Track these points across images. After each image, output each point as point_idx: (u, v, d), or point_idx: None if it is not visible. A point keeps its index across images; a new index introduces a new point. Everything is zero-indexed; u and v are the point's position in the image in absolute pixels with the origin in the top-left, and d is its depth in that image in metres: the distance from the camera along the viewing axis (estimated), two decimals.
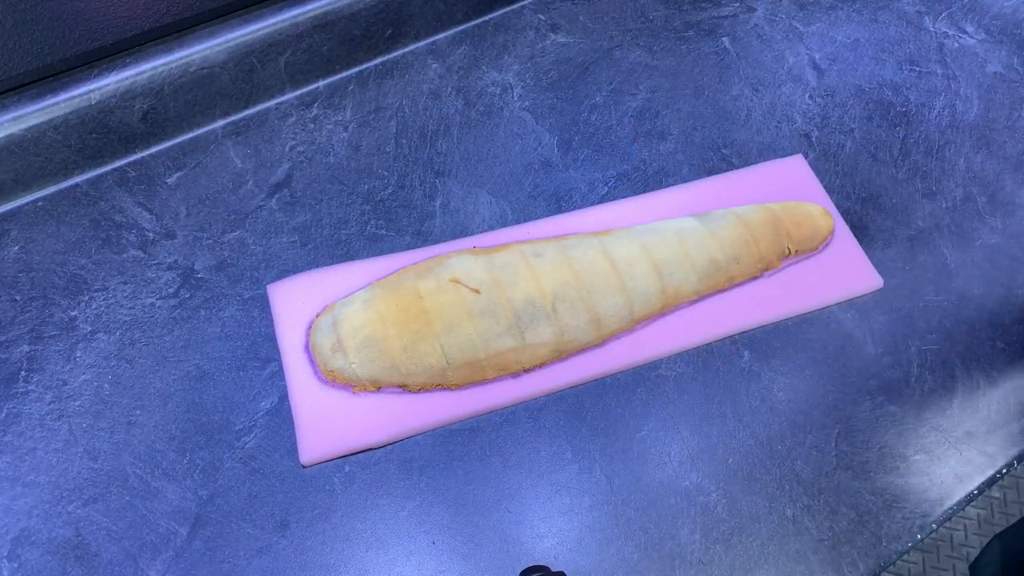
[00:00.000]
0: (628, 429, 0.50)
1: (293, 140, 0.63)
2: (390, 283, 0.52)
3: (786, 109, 0.65)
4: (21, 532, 0.46)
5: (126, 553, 0.45)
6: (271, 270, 0.56)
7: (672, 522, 0.46)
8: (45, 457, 0.49)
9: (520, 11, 0.72)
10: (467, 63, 0.68)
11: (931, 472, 0.48)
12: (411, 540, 0.46)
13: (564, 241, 0.54)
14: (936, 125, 0.64)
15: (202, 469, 0.48)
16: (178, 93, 0.61)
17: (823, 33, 0.70)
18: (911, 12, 0.71)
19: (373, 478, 0.48)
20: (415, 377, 0.50)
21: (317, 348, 0.51)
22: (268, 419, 0.50)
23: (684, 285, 0.53)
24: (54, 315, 0.54)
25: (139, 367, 0.52)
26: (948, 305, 0.54)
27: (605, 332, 0.52)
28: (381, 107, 0.65)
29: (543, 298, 0.50)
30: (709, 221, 0.56)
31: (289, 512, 0.47)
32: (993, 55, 0.68)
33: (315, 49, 0.64)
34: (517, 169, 0.62)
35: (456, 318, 0.50)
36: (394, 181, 0.61)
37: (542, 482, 0.48)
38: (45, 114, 0.56)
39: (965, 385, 0.51)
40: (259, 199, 0.60)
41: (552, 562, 0.45)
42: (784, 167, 0.61)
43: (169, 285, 0.55)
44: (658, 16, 0.72)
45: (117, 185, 0.60)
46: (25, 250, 0.57)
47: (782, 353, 0.53)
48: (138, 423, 0.50)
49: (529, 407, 0.51)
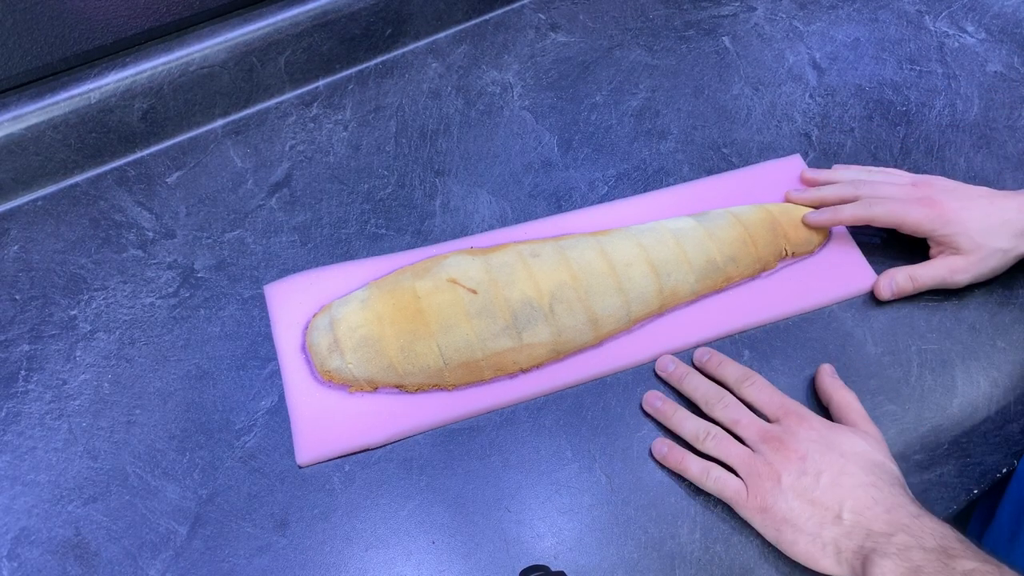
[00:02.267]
0: (628, 429, 0.50)
1: (293, 139, 0.63)
2: (387, 283, 0.52)
3: (786, 108, 0.65)
4: (21, 531, 0.46)
5: (126, 552, 0.45)
6: (271, 269, 0.56)
7: (672, 522, 0.46)
8: (45, 456, 0.49)
9: (520, 10, 0.72)
10: (467, 62, 0.68)
11: (931, 472, 0.48)
12: (411, 540, 0.46)
13: (561, 241, 0.54)
14: (936, 124, 0.64)
15: (202, 468, 0.48)
16: (178, 92, 0.61)
17: (823, 32, 0.70)
18: (911, 11, 0.71)
19: (373, 478, 0.48)
20: (412, 377, 0.50)
21: (314, 348, 0.51)
22: (268, 418, 0.50)
23: (682, 285, 0.53)
24: (54, 314, 0.54)
25: (139, 366, 0.52)
26: (948, 305, 0.54)
27: (603, 332, 0.52)
28: (381, 106, 0.65)
29: (540, 298, 0.50)
30: (707, 221, 0.55)
31: (289, 511, 0.47)
32: (993, 54, 0.68)
33: (315, 48, 0.64)
34: (517, 168, 0.62)
35: (453, 318, 0.50)
36: (394, 180, 0.61)
37: (542, 482, 0.48)
38: (45, 113, 0.57)
39: (965, 385, 0.51)
40: (259, 198, 0.60)
41: (552, 562, 0.45)
42: (783, 167, 0.61)
43: (169, 284, 0.55)
44: (658, 15, 0.72)
45: (117, 184, 0.60)
46: (25, 249, 0.57)
47: (782, 353, 0.53)
48: (138, 422, 0.50)
49: (529, 407, 0.51)
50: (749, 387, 0.49)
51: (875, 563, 0.39)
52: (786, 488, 0.43)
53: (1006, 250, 0.51)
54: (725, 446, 0.46)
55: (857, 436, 0.45)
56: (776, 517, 0.43)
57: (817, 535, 0.42)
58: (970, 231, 0.51)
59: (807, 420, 0.46)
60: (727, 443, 0.47)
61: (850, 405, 0.48)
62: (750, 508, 0.44)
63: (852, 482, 0.42)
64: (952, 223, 0.51)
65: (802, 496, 0.43)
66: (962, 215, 0.51)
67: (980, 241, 0.51)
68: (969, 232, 0.51)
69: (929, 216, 0.52)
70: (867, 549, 0.40)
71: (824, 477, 0.43)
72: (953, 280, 0.52)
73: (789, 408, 0.47)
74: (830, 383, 0.49)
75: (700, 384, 0.50)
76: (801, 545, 0.42)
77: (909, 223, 0.52)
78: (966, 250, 0.52)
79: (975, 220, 0.51)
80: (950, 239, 0.52)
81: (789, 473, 0.43)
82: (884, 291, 0.54)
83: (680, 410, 0.49)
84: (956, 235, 0.51)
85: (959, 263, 0.52)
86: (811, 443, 0.44)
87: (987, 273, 0.52)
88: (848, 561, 0.41)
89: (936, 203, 0.52)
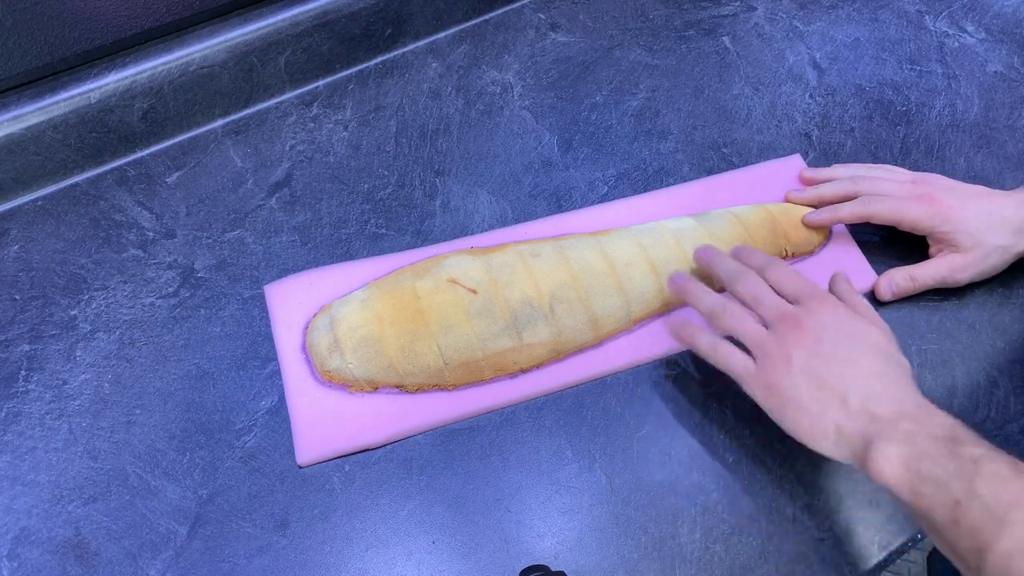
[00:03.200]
0: (628, 429, 0.50)
1: (293, 139, 0.63)
2: (387, 283, 0.52)
3: (786, 108, 0.65)
4: (21, 531, 0.46)
5: (126, 552, 0.45)
6: (271, 269, 0.56)
7: (672, 522, 0.46)
8: (45, 456, 0.49)
9: (520, 10, 0.72)
10: (467, 62, 0.68)
11: None
12: (411, 539, 0.46)
13: (561, 241, 0.54)
14: (936, 124, 0.64)
15: (202, 468, 0.48)
16: (178, 92, 0.61)
17: (823, 32, 0.70)
18: (911, 11, 0.71)
19: (373, 478, 0.48)
20: (412, 377, 0.50)
21: (314, 348, 0.51)
22: (268, 418, 0.50)
23: None
24: (54, 314, 0.54)
25: (139, 366, 0.52)
26: (948, 305, 0.54)
27: (603, 332, 0.52)
28: (381, 106, 0.65)
29: (540, 298, 0.50)
30: (707, 221, 0.55)
31: (289, 511, 0.47)
32: (993, 54, 0.68)
33: (315, 48, 0.64)
34: (517, 168, 0.62)
35: (453, 318, 0.50)
36: (394, 180, 0.61)
37: (542, 482, 0.48)
38: (45, 113, 0.57)
39: (965, 385, 0.51)
40: (259, 198, 0.60)
41: (552, 561, 0.45)
42: (783, 167, 0.61)
43: (169, 284, 0.55)
44: (658, 15, 0.72)
45: (117, 184, 0.60)
46: (25, 249, 0.57)
47: None
48: (138, 422, 0.50)
49: (529, 407, 0.51)
50: (774, 270, 0.48)
51: (877, 448, 0.38)
52: (795, 368, 0.43)
53: (1006, 247, 0.51)
54: (740, 321, 0.46)
55: (875, 327, 0.45)
56: (781, 395, 0.43)
57: (821, 416, 0.41)
58: (969, 228, 0.51)
59: (828, 303, 0.45)
60: (743, 319, 0.46)
61: (861, 306, 0.47)
62: (757, 384, 0.44)
63: (863, 370, 0.42)
64: (951, 220, 0.51)
65: (811, 377, 0.42)
66: (961, 212, 0.51)
67: (979, 238, 0.51)
68: (968, 229, 0.51)
69: (928, 213, 0.52)
70: (871, 433, 0.39)
71: (835, 361, 0.42)
72: (954, 278, 0.52)
73: (812, 291, 0.46)
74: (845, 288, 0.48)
75: (727, 263, 0.49)
76: (804, 425, 0.42)
77: (908, 220, 0.52)
78: (965, 247, 0.51)
79: (974, 217, 0.51)
80: (949, 236, 0.52)
81: (801, 353, 0.43)
82: (884, 292, 0.54)
83: (700, 285, 0.49)
84: (955, 232, 0.51)
85: (959, 261, 0.52)
86: (828, 327, 0.44)
87: (987, 271, 0.52)
88: (849, 444, 0.40)
89: (935, 200, 0.52)
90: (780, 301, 0.46)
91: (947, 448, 0.37)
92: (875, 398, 0.41)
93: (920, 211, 0.52)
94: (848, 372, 0.42)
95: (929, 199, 0.52)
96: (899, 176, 0.56)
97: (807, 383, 0.42)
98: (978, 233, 0.51)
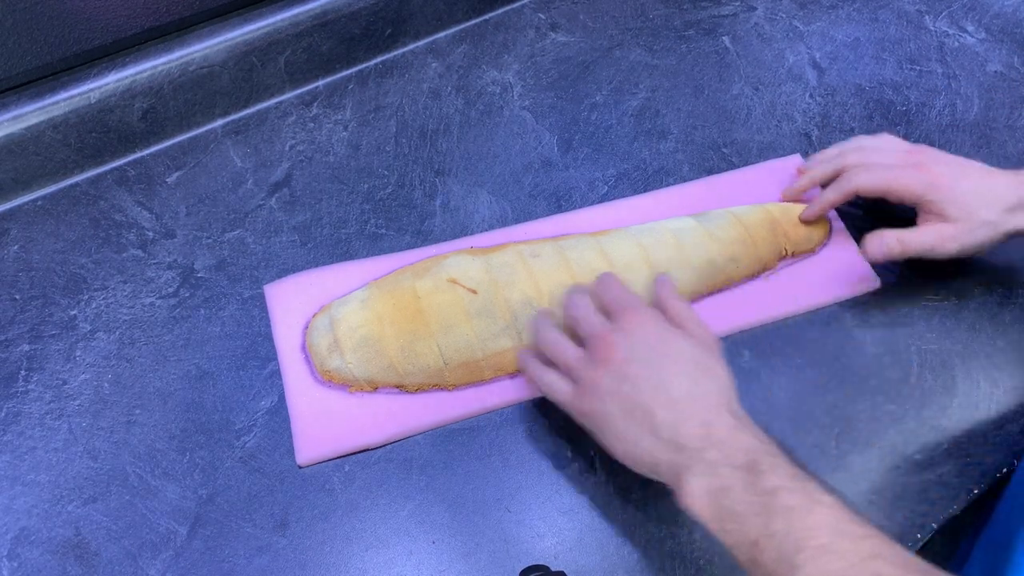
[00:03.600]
0: None
1: (293, 139, 0.63)
2: (387, 283, 0.52)
3: (786, 108, 0.65)
4: (21, 531, 0.46)
5: (126, 552, 0.45)
6: (271, 269, 0.56)
7: (672, 522, 0.46)
8: (45, 456, 0.49)
9: (520, 10, 0.72)
10: (467, 62, 0.68)
11: (931, 472, 0.48)
12: (411, 539, 0.46)
13: (561, 241, 0.54)
14: (936, 124, 0.64)
15: (202, 468, 0.48)
16: (178, 92, 0.61)
17: (823, 32, 0.70)
18: (911, 11, 0.71)
19: (373, 478, 0.48)
20: (412, 377, 0.50)
21: (314, 348, 0.51)
22: (268, 418, 0.50)
23: (682, 286, 0.53)
24: (54, 314, 0.54)
25: (139, 366, 0.52)
26: (948, 305, 0.54)
27: None
28: (381, 106, 0.65)
29: (540, 299, 0.50)
30: (707, 221, 0.55)
31: (289, 511, 0.47)
32: (993, 54, 0.68)
33: (315, 48, 0.64)
34: (517, 168, 0.62)
35: (453, 318, 0.50)
36: (394, 180, 0.61)
37: (542, 482, 0.48)
38: (45, 113, 0.57)
39: (965, 385, 0.51)
40: (259, 198, 0.60)
41: (552, 561, 0.45)
42: (783, 167, 0.61)
43: (169, 284, 0.55)
44: (658, 15, 0.72)
45: (117, 184, 0.60)
46: (25, 249, 0.57)
47: (782, 353, 0.53)
48: (138, 422, 0.50)
49: (529, 407, 0.51)
50: (600, 283, 0.47)
51: (686, 481, 0.38)
52: (604, 393, 0.42)
53: (994, 223, 0.50)
54: (561, 349, 0.45)
55: (691, 338, 0.43)
56: (595, 421, 0.42)
57: (635, 445, 0.41)
58: (959, 200, 0.50)
59: (639, 316, 0.44)
60: (559, 345, 0.45)
61: (681, 313, 0.45)
62: (575, 411, 0.44)
63: (672, 392, 0.41)
64: (942, 189, 0.50)
65: (620, 401, 0.41)
66: (953, 183, 0.50)
67: (969, 211, 0.50)
68: (958, 200, 0.50)
69: (920, 180, 0.51)
70: (679, 465, 0.39)
71: (643, 383, 0.41)
72: (943, 248, 0.51)
73: (626, 303, 0.45)
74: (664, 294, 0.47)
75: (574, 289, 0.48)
76: (620, 452, 0.42)
77: (898, 187, 0.51)
78: (954, 218, 0.50)
79: (966, 190, 0.50)
80: (939, 205, 0.50)
81: (610, 378, 0.42)
82: (875, 252, 0.52)
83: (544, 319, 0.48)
84: (945, 202, 0.50)
85: (948, 230, 0.50)
86: (638, 344, 0.42)
87: (975, 246, 0.50)
88: (665, 475, 0.40)
89: (928, 169, 0.51)
90: (595, 320, 0.45)
91: (746, 480, 0.37)
92: (684, 424, 0.40)
93: (911, 178, 0.51)
94: (658, 396, 0.41)
95: (922, 167, 0.51)
96: (896, 145, 0.54)
97: (617, 407, 0.41)
98: (968, 206, 0.50)
